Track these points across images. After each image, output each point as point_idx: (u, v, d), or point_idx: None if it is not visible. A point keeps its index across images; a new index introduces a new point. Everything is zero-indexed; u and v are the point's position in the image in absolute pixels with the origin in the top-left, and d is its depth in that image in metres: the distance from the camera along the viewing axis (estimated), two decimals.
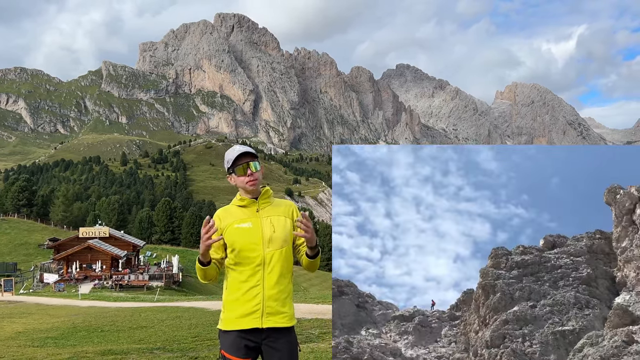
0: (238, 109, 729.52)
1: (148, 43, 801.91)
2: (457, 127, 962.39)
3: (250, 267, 3.99)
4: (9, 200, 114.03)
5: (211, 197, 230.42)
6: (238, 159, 4.10)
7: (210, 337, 13.86)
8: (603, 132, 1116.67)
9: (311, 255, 4.07)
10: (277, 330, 4.00)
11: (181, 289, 57.49)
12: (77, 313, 26.19)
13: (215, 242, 3.86)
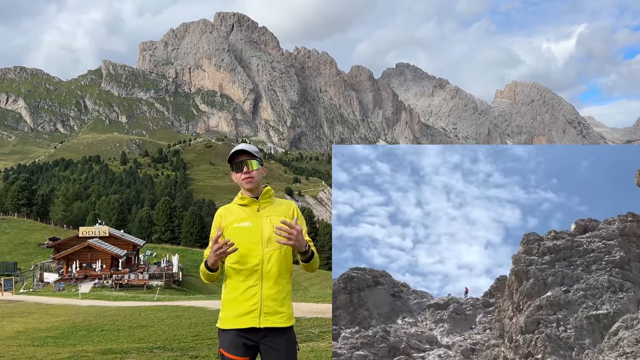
0: (238, 108, 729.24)
1: (148, 42, 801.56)
2: (457, 126, 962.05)
3: (249, 267, 4.00)
4: (9, 200, 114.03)
5: (211, 197, 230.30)
6: (235, 156, 4.13)
7: (210, 336, 13.87)
8: (603, 131, 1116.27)
9: (304, 260, 4.05)
10: (275, 329, 4.01)
11: (181, 288, 57.52)
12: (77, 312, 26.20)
13: (228, 254, 3.88)
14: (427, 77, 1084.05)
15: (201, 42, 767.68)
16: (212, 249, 3.87)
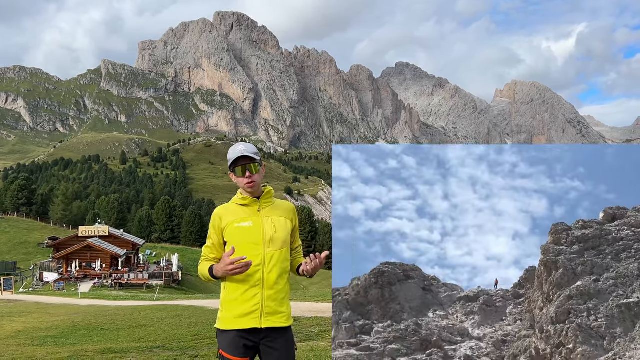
0: (237, 108, 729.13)
1: (147, 42, 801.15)
2: (457, 126, 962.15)
3: (250, 267, 3.96)
4: (9, 199, 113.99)
5: (210, 196, 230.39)
6: (238, 160, 4.10)
7: (209, 335, 13.87)
8: (602, 130, 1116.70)
9: (302, 275, 4.17)
10: (275, 330, 4.00)
11: (181, 288, 57.51)
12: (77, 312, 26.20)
13: (239, 273, 3.87)
14: (426, 77, 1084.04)
15: (201, 41, 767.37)
16: (224, 265, 3.84)
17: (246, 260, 3.82)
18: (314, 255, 3.98)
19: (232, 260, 3.81)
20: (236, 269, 3.82)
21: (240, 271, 3.83)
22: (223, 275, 3.93)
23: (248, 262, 3.83)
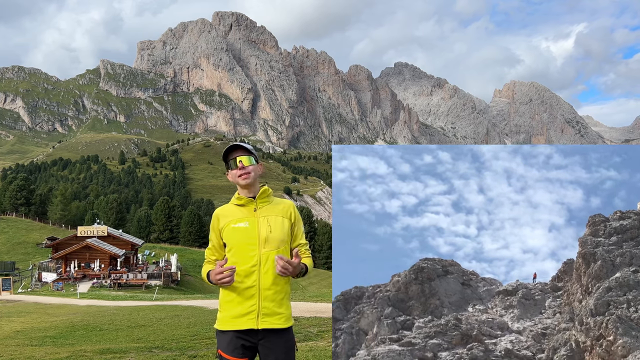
0: (236, 108, 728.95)
1: (146, 42, 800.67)
2: (456, 126, 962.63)
3: (246, 267, 3.96)
4: (7, 199, 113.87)
5: (209, 196, 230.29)
6: (230, 153, 4.10)
7: (208, 335, 13.86)
8: (601, 130, 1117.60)
9: (296, 276, 4.11)
10: (274, 331, 3.98)
11: (180, 288, 57.46)
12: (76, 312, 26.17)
13: (227, 283, 3.89)
14: (425, 77, 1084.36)
15: (199, 41, 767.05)
16: (214, 274, 3.90)
17: (229, 266, 3.86)
18: (278, 256, 3.91)
19: (221, 270, 3.84)
20: (223, 279, 3.83)
21: (228, 280, 3.84)
22: (215, 284, 3.96)
23: (232, 267, 3.85)
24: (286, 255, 4.07)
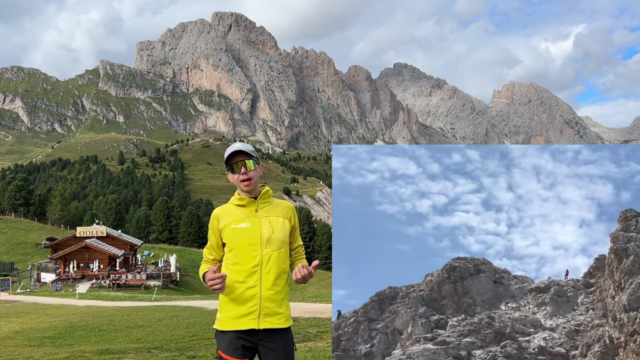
0: (236, 108, 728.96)
1: (145, 42, 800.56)
2: (455, 126, 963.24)
3: (248, 268, 3.97)
4: (6, 200, 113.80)
5: (209, 196, 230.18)
6: (233, 157, 4.08)
7: (207, 336, 13.85)
8: (600, 131, 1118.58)
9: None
10: (274, 331, 3.99)
11: (179, 288, 57.43)
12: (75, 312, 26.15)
13: (218, 289, 3.90)
14: (425, 77, 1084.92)
15: (199, 42, 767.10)
16: (207, 279, 3.92)
17: (220, 274, 3.86)
18: (301, 265, 3.98)
19: (213, 277, 3.84)
20: (215, 285, 3.84)
21: (219, 287, 3.84)
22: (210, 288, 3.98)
23: (223, 275, 3.86)
24: (287, 257, 4.11)
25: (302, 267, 3.95)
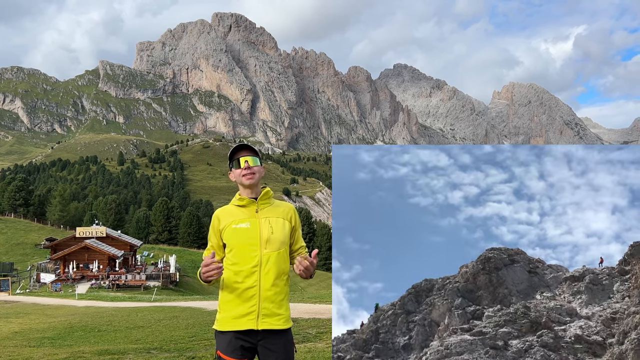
0: (235, 109, 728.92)
1: (145, 43, 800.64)
2: (455, 127, 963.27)
3: (247, 268, 3.97)
4: (6, 200, 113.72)
5: (208, 197, 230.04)
6: (235, 153, 4.13)
7: (207, 337, 13.85)
8: (600, 132, 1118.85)
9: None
10: (273, 331, 3.99)
11: (178, 289, 57.40)
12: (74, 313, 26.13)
13: (215, 279, 3.88)
14: (424, 78, 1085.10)
15: (199, 42, 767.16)
16: (202, 266, 3.88)
17: (216, 263, 3.84)
18: (301, 257, 3.94)
19: (209, 262, 3.83)
20: (207, 273, 3.81)
21: (214, 274, 3.81)
22: (204, 280, 3.93)
23: (219, 266, 3.84)
24: (286, 258, 4.11)
25: (302, 259, 3.92)
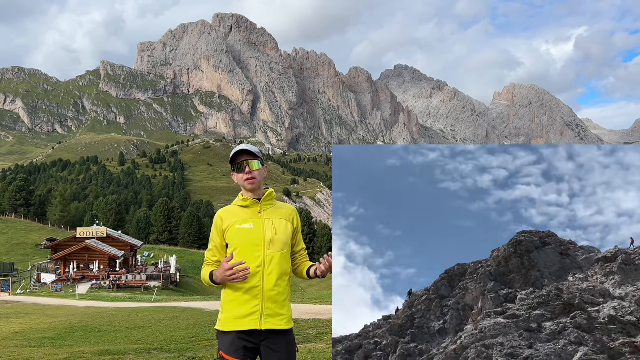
0: (236, 109, 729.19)
1: (146, 43, 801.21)
2: (455, 128, 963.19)
3: (251, 268, 3.97)
4: (7, 200, 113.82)
5: (209, 197, 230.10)
6: (237, 157, 4.12)
7: (207, 337, 13.84)
8: (601, 133, 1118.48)
9: (313, 277, 4.21)
10: (276, 332, 3.99)
11: (179, 290, 57.43)
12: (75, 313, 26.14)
13: (238, 280, 3.88)
14: (425, 79, 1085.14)
15: (200, 43, 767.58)
16: (223, 270, 3.86)
17: (245, 266, 3.83)
18: (328, 255, 4.04)
19: (231, 266, 3.81)
20: (234, 275, 3.81)
21: (239, 277, 3.82)
22: (222, 282, 3.93)
23: (247, 268, 3.83)
24: (288, 258, 4.15)
25: (329, 256, 4.03)
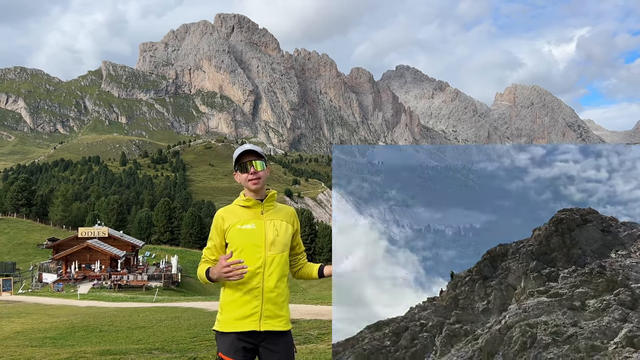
0: (238, 110, 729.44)
1: (148, 43, 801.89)
2: (457, 129, 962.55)
3: (251, 269, 3.95)
4: (8, 200, 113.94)
5: (210, 198, 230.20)
6: (242, 157, 4.10)
7: (208, 337, 13.85)
8: (602, 134, 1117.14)
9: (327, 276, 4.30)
10: (275, 333, 3.99)
11: (180, 290, 57.46)
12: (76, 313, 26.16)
13: (235, 279, 3.86)
14: (427, 80, 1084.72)
15: (201, 43, 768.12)
16: (220, 267, 3.82)
17: (242, 265, 3.80)
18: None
19: (229, 263, 3.79)
20: (231, 273, 3.78)
21: (235, 276, 3.79)
22: (218, 279, 3.90)
23: (244, 267, 3.80)
24: (288, 260, 4.15)
25: None
